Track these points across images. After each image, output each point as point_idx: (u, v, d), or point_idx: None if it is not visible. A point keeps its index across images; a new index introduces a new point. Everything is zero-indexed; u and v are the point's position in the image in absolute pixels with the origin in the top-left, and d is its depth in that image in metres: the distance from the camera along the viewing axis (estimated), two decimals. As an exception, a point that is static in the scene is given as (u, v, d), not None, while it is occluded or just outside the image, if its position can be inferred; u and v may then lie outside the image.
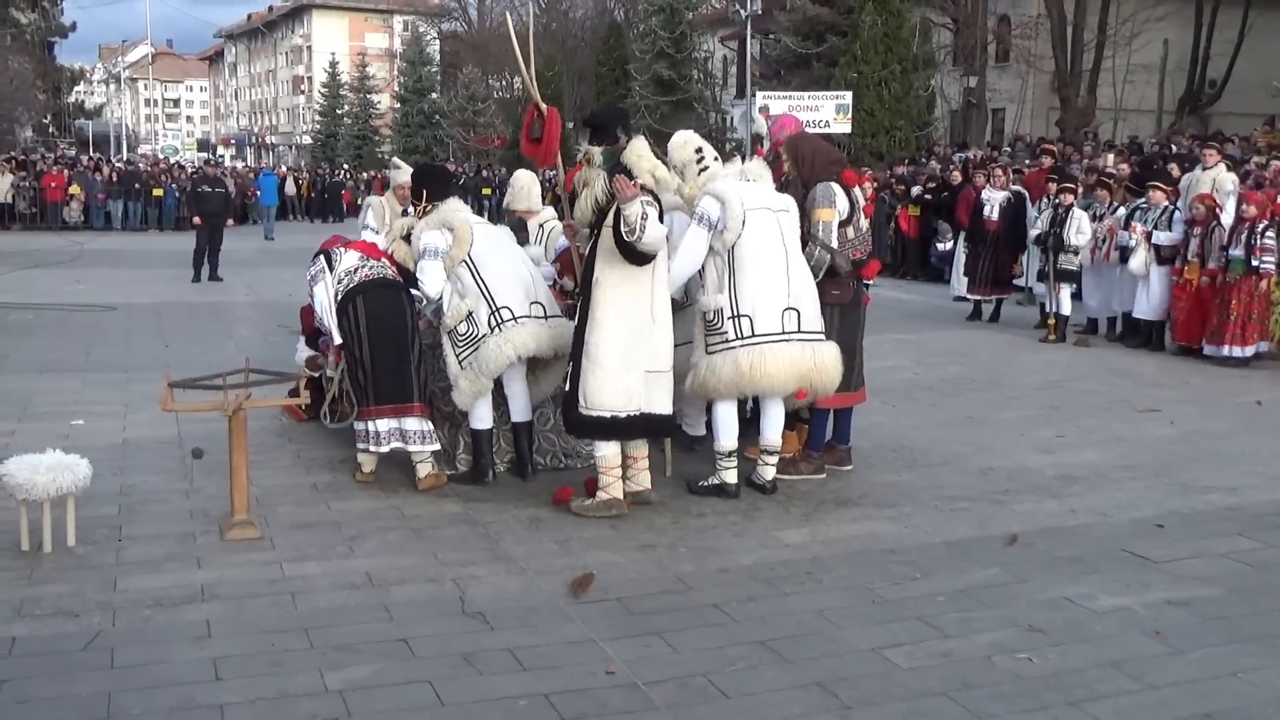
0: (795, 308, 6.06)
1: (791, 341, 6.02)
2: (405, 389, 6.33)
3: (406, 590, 4.93)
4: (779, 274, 6.06)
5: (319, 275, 6.50)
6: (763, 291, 6.00)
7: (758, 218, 6.03)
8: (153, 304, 15.09)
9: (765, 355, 5.95)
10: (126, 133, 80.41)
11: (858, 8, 28.97)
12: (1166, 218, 11.54)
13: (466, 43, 62.08)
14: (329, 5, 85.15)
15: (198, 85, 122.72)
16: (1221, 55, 34.44)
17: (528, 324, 6.35)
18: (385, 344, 6.32)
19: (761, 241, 6.03)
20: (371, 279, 6.42)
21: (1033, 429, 8.13)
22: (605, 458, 5.92)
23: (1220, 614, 4.75)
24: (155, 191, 33.29)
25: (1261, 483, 6.75)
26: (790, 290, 6.07)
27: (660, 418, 5.94)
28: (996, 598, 4.91)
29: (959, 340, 12.45)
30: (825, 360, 6.09)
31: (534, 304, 6.44)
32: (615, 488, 5.94)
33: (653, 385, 5.85)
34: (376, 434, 6.31)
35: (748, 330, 5.96)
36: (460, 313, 6.34)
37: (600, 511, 5.91)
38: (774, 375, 5.97)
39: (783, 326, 6.01)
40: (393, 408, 6.30)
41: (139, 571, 5.09)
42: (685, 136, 6.55)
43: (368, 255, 6.56)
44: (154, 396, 6.12)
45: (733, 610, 4.74)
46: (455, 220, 6.40)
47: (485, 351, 6.25)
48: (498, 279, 6.38)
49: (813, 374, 6.07)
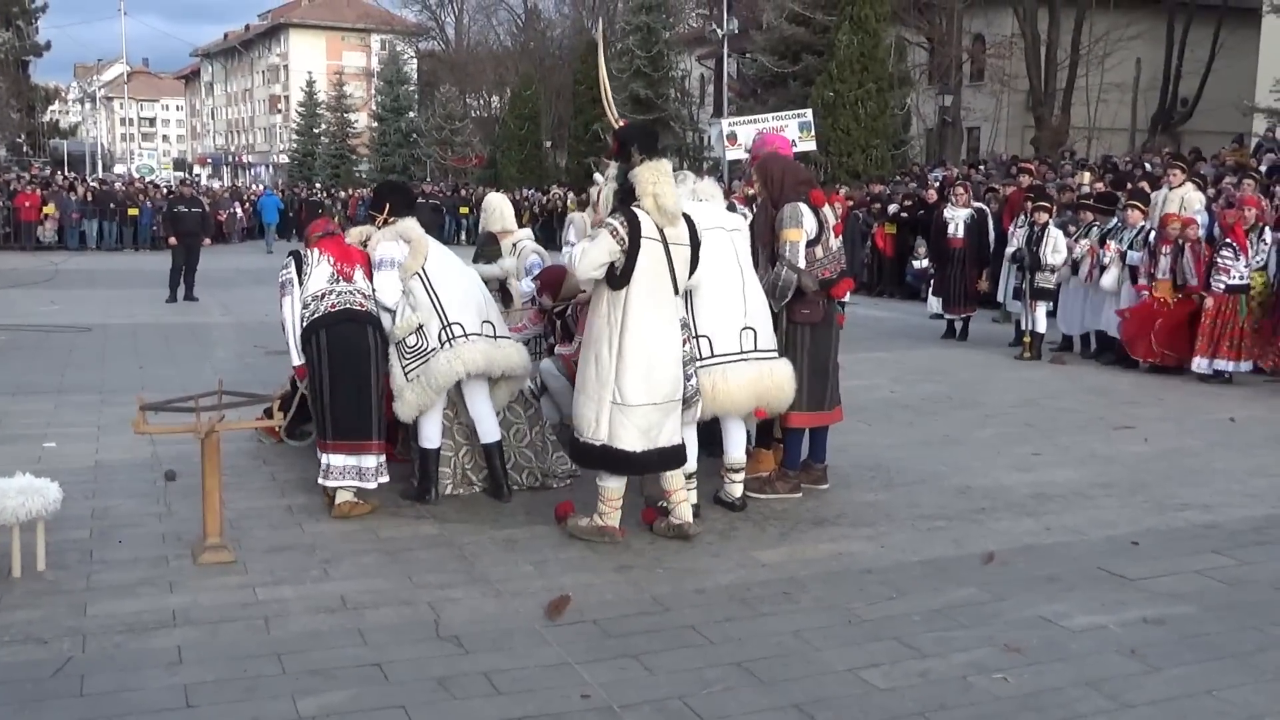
0: (752, 327, 6.07)
1: (749, 360, 6.02)
2: (364, 427, 6.21)
3: (381, 614, 4.89)
4: (735, 293, 6.07)
5: (287, 286, 6.37)
6: (720, 311, 6.00)
7: (712, 238, 6.00)
8: (128, 324, 14.99)
9: (727, 375, 5.95)
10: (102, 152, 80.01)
11: (834, 27, 29.12)
12: (1142, 237, 11.62)
13: (444, 62, 62.13)
14: (306, 24, 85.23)
15: (174, 104, 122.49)
16: (1193, 74, 34.86)
17: (479, 342, 6.35)
18: (346, 380, 6.18)
19: (717, 262, 6.01)
20: (337, 310, 6.23)
21: (1009, 447, 8.16)
22: (609, 489, 5.81)
23: (1196, 632, 4.76)
24: (130, 211, 33.15)
25: (1236, 500, 6.78)
26: (746, 309, 6.08)
27: (620, 453, 5.68)
28: (973, 617, 4.91)
29: (935, 358, 12.49)
30: (780, 378, 6.10)
31: (485, 323, 6.47)
32: (611, 517, 5.85)
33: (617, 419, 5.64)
34: (329, 468, 6.22)
35: (707, 351, 5.95)
36: (411, 325, 6.30)
37: (592, 535, 5.83)
38: (735, 395, 5.97)
39: (740, 346, 6.02)
40: (349, 445, 6.19)
41: (110, 596, 5.03)
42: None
43: (340, 261, 6.37)
44: (128, 419, 6.08)
45: (710, 631, 4.72)
46: (413, 232, 6.40)
47: (435, 366, 6.23)
48: (451, 295, 6.38)
49: (770, 393, 6.08)
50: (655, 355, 5.61)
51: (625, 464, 5.70)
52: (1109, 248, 11.72)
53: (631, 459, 5.66)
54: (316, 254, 6.41)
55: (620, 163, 5.91)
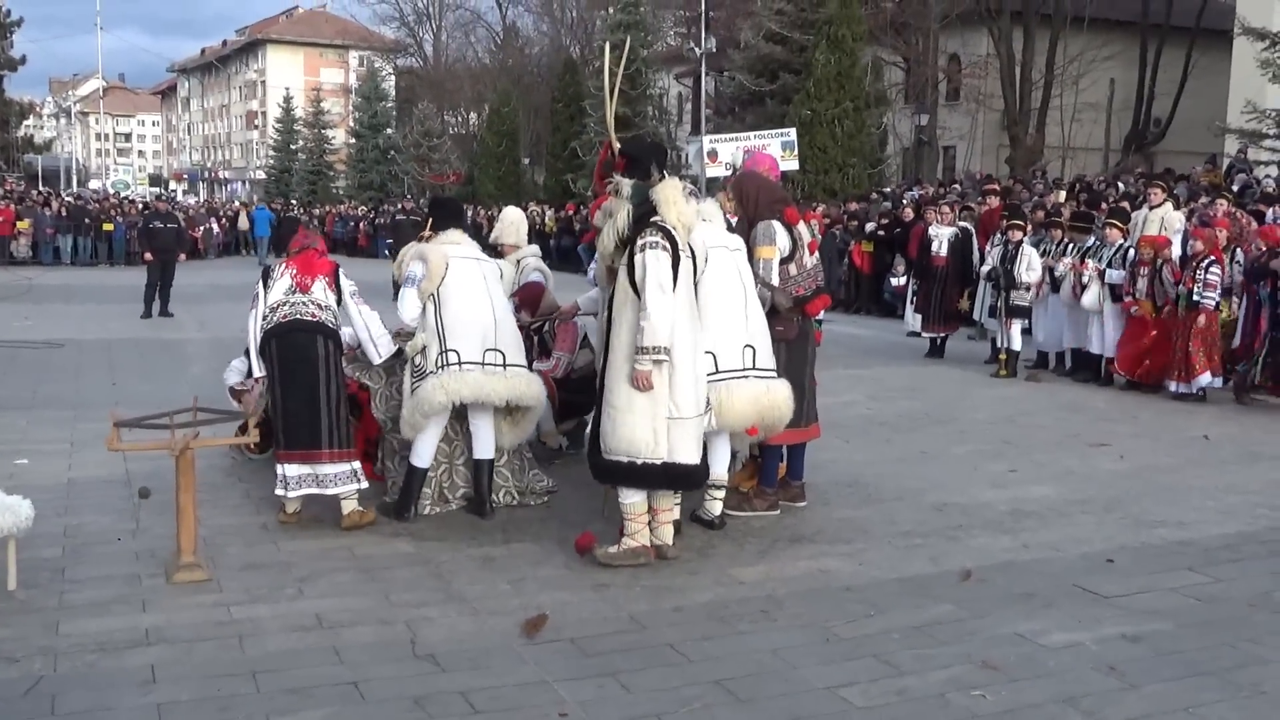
0: (752, 345, 6.12)
1: (750, 378, 6.06)
2: (314, 436, 6.19)
3: (357, 632, 4.86)
4: (739, 311, 6.13)
5: (254, 301, 6.44)
6: (725, 328, 6.04)
7: (717, 256, 6.07)
8: (102, 340, 14.89)
9: (732, 391, 5.98)
10: (77, 167, 79.60)
11: (811, 46, 29.30)
12: (1121, 255, 11.70)
13: (422, 78, 62.16)
14: (284, 40, 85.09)
15: (150, 120, 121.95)
16: (1166, 94, 35.27)
17: (472, 372, 6.30)
18: (295, 390, 6.19)
19: (722, 280, 6.08)
20: (287, 321, 6.24)
21: (986, 464, 8.18)
22: (632, 504, 5.72)
23: (1172, 649, 4.78)
24: (105, 226, 32.98)
25: (1210, 517, 6.82)
26: (749, 327, 6.14)
27: (683, 468, 5.63)
28: (951, 634, 4.92)
29: (913, 375, 12.53)
30: (778, 398, 6.13)
31: (489, 351, 6.39)
32: (642, 535, 5.76)
33: (676, 433, 5.60)
34: (285, 478, 6.22)
35: (712, 367, 5.96)
36: (417, 345, 6.37)
37: (627, 560, 5.71)
38: (738, 411, 5.99)
39: (743, 363, 6.07)
40: (300, 454, 6.19)
41: (82, 615, 4.98)
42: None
43: (301, 273, 6.36)
44: (101, 435, 6.03)
45: (688, 650, 4.71)
46: (432, 254, 6.39)
47: (423, 391, 6.25)
48: (455, 321, 6.35)
49: (769, 411, 6.10)
50: (698, 365, 5.70)
51: (688, 478, 5.70)
52: (1087, 266, 11.79)
53: (694, 472, 5.70)
54: (282, 268, 6.46)
55: (635, 179, 5.81)
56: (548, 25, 57.35)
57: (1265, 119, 21.06)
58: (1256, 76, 22.04)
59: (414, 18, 64.21)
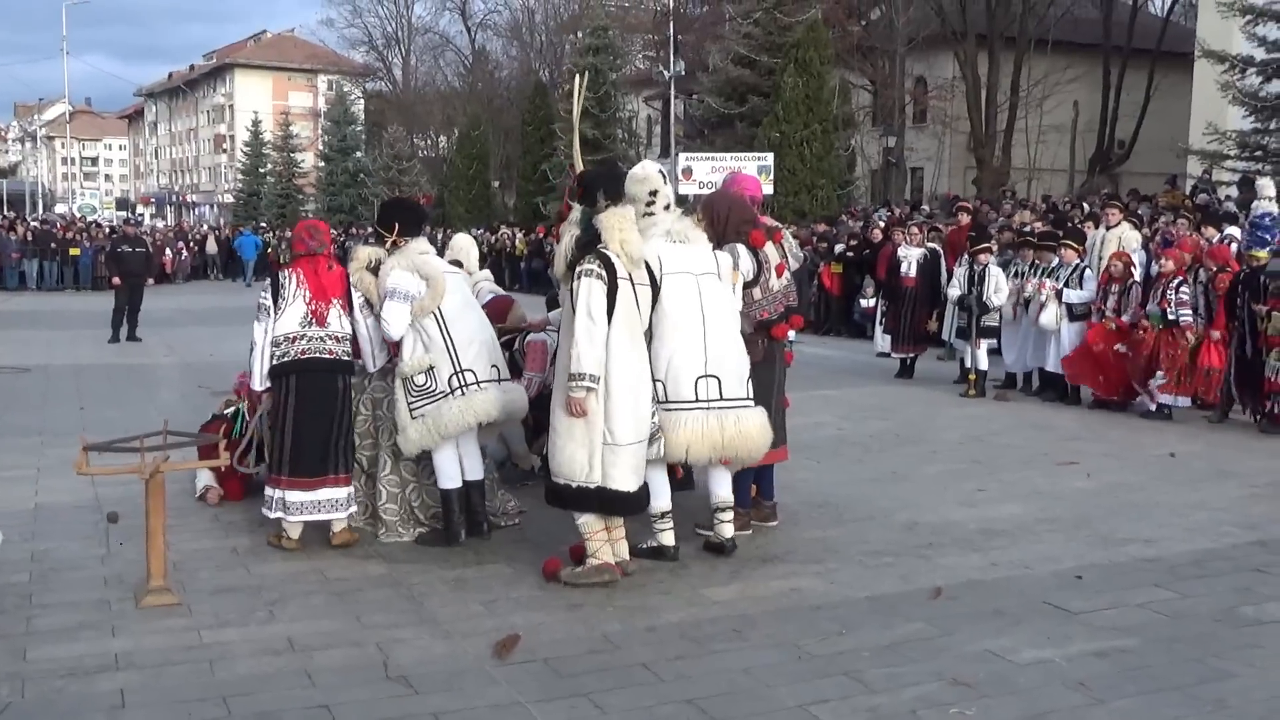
0: (715, 375, 5.95)
1: (710, 410, 5.92)
2: (325, 464, 6.23)
3: (329, 655, 4.84)
4: (695, 341, 5.94)
5: (262, 313, 6.28)
6: (678, 358, 5.90)
7: (675, 282, 5.92)
8: (70, 365, 14.78)
9: (677, 423, 5.87)
10: (43, 191, 78.98)
11: (779, 70, 29.54)
12: (1078, 275, 11.82)
13: (391, 102, 62.25)
14: (252, 64, 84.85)
15: (117, 144, 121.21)
16: (1129, 116, 35.75)
17: (490, 389, 6.35)
18: (311, 423, 6.19)
19: (678, 307, 5.92)
20: (305, 359, 6.20)
21: (955, 483, 8.24)
22: (584, 523, 5.72)
23: (1140, 664, 4.82)
24: (72, 251, 32.75)
25: (1177, 534, 6.89)
26: (708, 357, 5.95)
27: (616, 494, 5.62)
28: (922, 652, 4.95)
29: (882, 396, 12.60)
30: (749, 427, 6.00)
31: (493, 367, 6.46)
32: (604, 552, 5.75)
33: (610, 459, 5.61)
34: (285, 503, 6.19)
35: (661, 395, 5.87)
36: (422, 364, 6.26)
37: (593, 578, 5.71)
38: (682, 444, 5.86)
39: (696, 395, 5.90)
40: (306, 481, 6.19)
41: (50, 641, 4.94)
42: (647, 171, 6.24)
43: (315, 298, 6.25)
44: (69, 460, 5.98)
45: (660, 669, 4.72)
46: (431, 269, 6.34)
47: (447, 413, 6.21)
48: (466, 340, 6.35)
49: (735, 441, 5.96)
50: (639, 392, 5.66)
51: (622, 504, 5.68)
52: (1045, 286, 11.91)
53: (628, 499, 5.67)
54: (294, 286, 6.27)
55: (584, 206, 5.85)
56: (517, 49, 57.63)
57: (1226, 140, 21.36)
58: (1217, 99, 22.37)
59: (383, 42, 64.45)
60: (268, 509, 6.29)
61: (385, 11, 64.17)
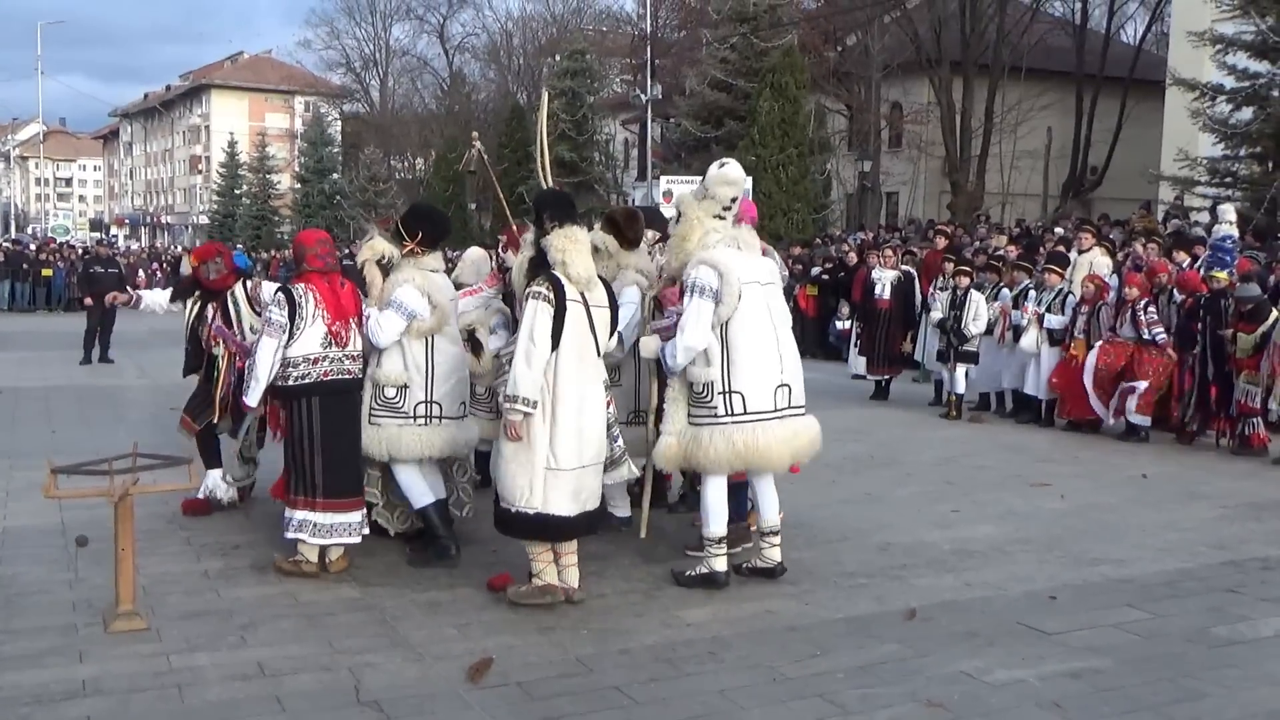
0: (787, 384, 6.01)
1: (785, 419, 5.97)
2: (354, 486, 6.25)
3: (300, 680, 4.79)
4: (771, 349, 5.97)
5: (275, 330, 6.05)
6: (756, 368, 5.90)
7: (749, 293, 5.90)
8: (40, 387, 14.64)
9: (758, 433, 5.86)
10: (16, 212, 78.51)
11: (754, 94, 29.71)
12: (1060, 300, 11.90)
13: (368, 124, 62.18)
14: (228, 85, 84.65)
15: (91, 164, 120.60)
16: (1102, 142, 36.08)
17: (449, 427, 6.40)
18: (337, 445, 6.15)
19: (754, 316, 5.91)
20: (329, 381, 6.13)
21: (929, 505, 8.26)
22: (530, 543, 5.74)
23: (1113, 684, 4.83)
24: (44, 272, 32.51)
25: (1149, 554, 6.92)
26: (783, 365, 6.01)
27: (555, 519, 5.59)
28: (896, 673, 4.94)
29: (857, 418, 12.62)
30: (814, 433, 6.12)
31: (461, 404, 6.51)
32: (548, 573, 5.75)
33: (552, 483, 5.58)
34: (315, 525, 6.13)
35: (739, 407, 5.85)
36: (397, 380, 6.29)
37: (535, 598, 5.70)
38: (769, 453, 5.88)
39: (775, 404, 5.94)
40: (340, 503, 6.15)
41: (16, 667, 4.87)
42: (737, 175, 6.18)
43: (334, 318, 6.13)
44: (38, 483, 5.92)
45: (634, 692, 4.70)
46: (439, 298, 6.32)
47: (404, 439, 6.27)
48: (445, 373, 6.38)
49: (805, 449, 6.06)
50: (585, 416, 5.62)
51: (558, 530, 5.64)
52: (1025, 309, 12.00)
53: (564, 524, 5.63)
54: (311, 305, 6.12)
55: (535, 228, 5.85)
56: (494, 72, 57.73)
57: (1197, 166, 21.58)
58: (1188, 126, 22.59)
59: (360, 64, 64.44)
60: (289, 531, 6.17)
61: (363, 34, 64.28)
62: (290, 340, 6.06)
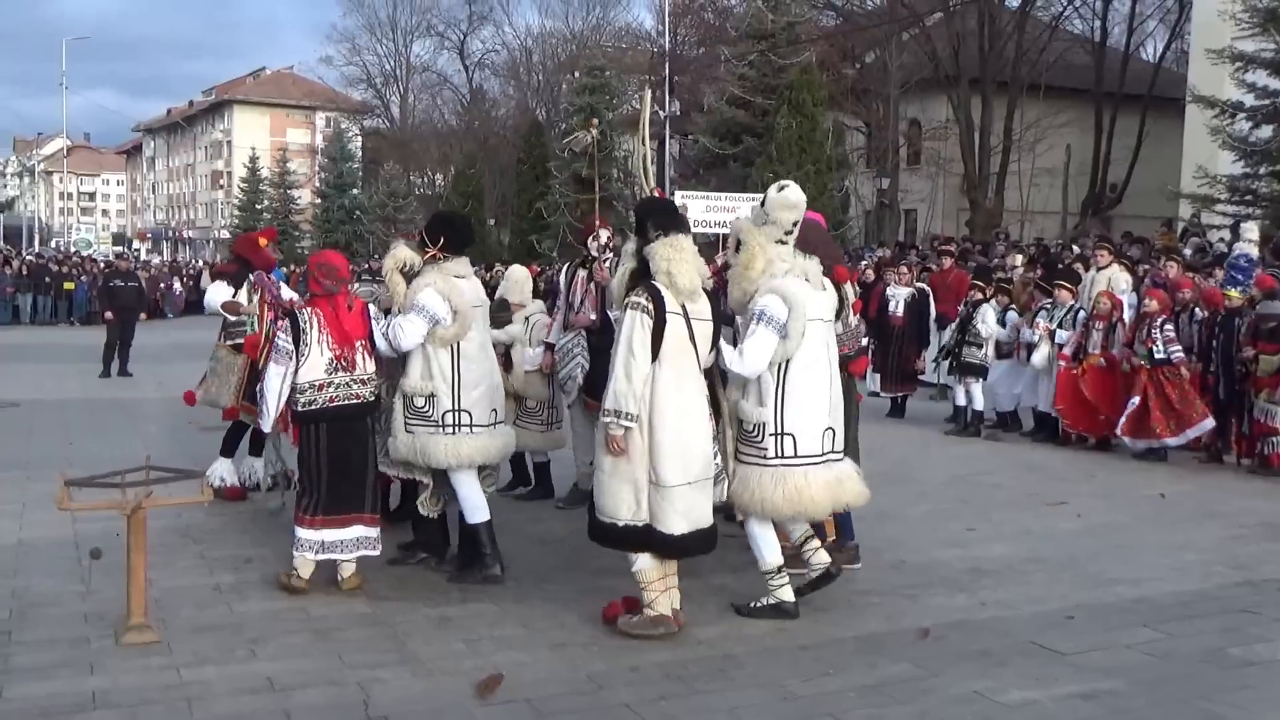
0: (832, 426, 5.79)
1: (830, 463, 5.76)
2: (359, 503, 6.23)
3: (308, 695, 4.79)
4: (824, 390, 5.75)
5: (281, 356, 6.13)
6: (810, 410, 5.69)
7: (813, 330, 5.68)
8: (58, 400, 14.73)
9: (809, 478, 5.65)
10: (40, 226, 79.15)
11: (773, 111, 29.75)
12: (1072, 317, 11.85)
13: (388, 139, 62.50)
14: (250, 101, 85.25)
15: (114, 179, 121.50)
16: (1121, 160, 35.97)
17: (480, 436, 6.36)
18: (343, 467, 6.17)
19: (814, 356, 5.72)
20: (335, 406, 6.15)
21: (943, 523, 8.21)
22: (641, 571, 5.51)
23: (1127, 706, 4.79)
24: (66, 285, 32.75)
25: (1164, 575, 6.86)
26: (831, 408, 5.79)
27: (665, 536, 5.42)
28: (908, 693, 4.91)
29: (872, 436, 12.45)
30: (857, 485, 5.87)
31: (493, 410, 6.48)
32: (660, 603, 5.52)
33: (657, 499, 5.42)
34: (323, 544, 6.14)
35: (790, 450, 5.65)
36: (424, 390, 6.25)
37: (647, 629, 5.52)
38: (817, 499, 5.67)
39: (822, 447, 5.73)
40: (340, 519, 6.16)
41: (27, 679, 4.89)
42: (799, 199, 5.79)
43: (339, 342, 6.16)
44: (53, 495, 5.94)
45: (644, 710, 4.67)
46: (462, 304, 6.26)
47: (432, 447, 6.26)
48: (472, 382, 6.34)
49: (844, 496, 5.83)
50: (687, 433, 5.45)
51: (669, 547, 5.48)
52: (1038, 326, 11.96)
53: (676, 542, 5.47)
54: (315, 331, 6.16)
55: (637, 238, 5.68)
56: (514, 88, 57.97)
57: (1217, 184, 21.48)
58: (1208, 143, 22.50)
59: (381, 80, 64.77)
60: (300, 550, 6.17)
61: (384, 50, 64.60)
62: (296, 367, 6.13)
